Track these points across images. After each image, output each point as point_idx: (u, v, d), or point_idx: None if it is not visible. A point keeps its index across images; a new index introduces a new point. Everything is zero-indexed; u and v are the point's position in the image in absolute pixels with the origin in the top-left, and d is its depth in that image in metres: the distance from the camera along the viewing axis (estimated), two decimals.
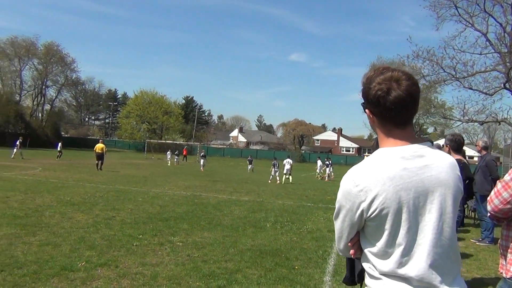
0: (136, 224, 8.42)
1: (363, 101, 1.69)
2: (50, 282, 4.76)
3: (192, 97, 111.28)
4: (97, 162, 24.23)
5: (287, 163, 23.95)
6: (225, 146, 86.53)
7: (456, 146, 5.13)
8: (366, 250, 1.65)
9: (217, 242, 7.22)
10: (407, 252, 1.55)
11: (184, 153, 49.28)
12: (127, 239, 7.07)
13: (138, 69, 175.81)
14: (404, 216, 1.54)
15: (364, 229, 1.65)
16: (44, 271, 5.09)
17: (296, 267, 5.97)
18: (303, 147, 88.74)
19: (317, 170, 31.98)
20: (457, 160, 5.04)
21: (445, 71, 27.14)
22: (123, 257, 5.94)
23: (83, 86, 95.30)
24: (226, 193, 15.75)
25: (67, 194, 12.28)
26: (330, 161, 32.14)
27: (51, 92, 76.48)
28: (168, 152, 39.96)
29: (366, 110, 1.68)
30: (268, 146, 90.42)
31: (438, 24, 23.92)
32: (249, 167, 33.16)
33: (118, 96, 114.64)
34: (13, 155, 29.65)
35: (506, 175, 2.61)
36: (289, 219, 10.14)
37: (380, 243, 1.58)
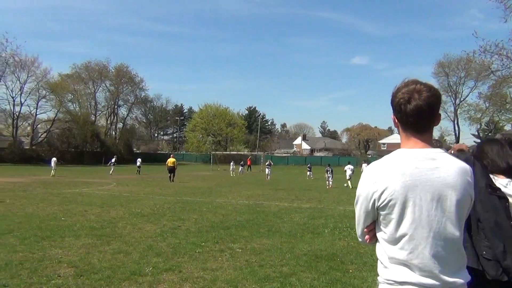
0: (199, 233, 8.92)
1: None
2: (121, 285, 5.30)
3: (255, 107, 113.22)
4: (169, 174, 26.55)
5: (348, 169, 24.28)
6: (289, 155, 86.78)
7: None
8: (378, 236, 1.89)
9: (274, 248, 7.50)
10: (411, 241, 1.76)
11: (248, 163, 50.18)
12: (190, 246, 7.56)
13: (202, 83, 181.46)
14: (410, 209, 1.77)
15: (378, 218, 1.89)
16: (116, 276, 5.65)
17: (351, 271, 6.11)
18: (369, 152, 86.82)
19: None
20: None
21: None
22: (186, 263, 6.40)
23: (152, 103, 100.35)
24: (288, 201, 16.01)
25: (138, 207, 13.18)
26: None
27: (122, 111, 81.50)
28: (231, 163, 40.73)
29: (392, 116, 1.92)
30: (333, 153, 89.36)
31: (506, 16, 22.70)
32: (308, 174, 33.79)
33: (184, 111, 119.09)
34: (111, 172, 34.06)
35: None
36: (348, 225, 10.19)
37: (388, 230, 1.82)
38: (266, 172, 33.34)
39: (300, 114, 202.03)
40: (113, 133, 79.63)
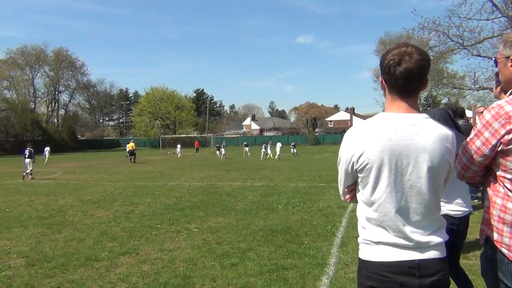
0: (154, 216, 8.85)
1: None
2: (78, 271, 5.19)
3: (203, 89, 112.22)
4: (130, 157, 31.62)
5: (278, 146, 32.57)
6: (238, 135, 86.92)
7: None
8: (358, 197, 1.93)
9: (230, 226, 7.60)
10: (385, 204, 1.80)
11: (196, 146, 50.09)
12: (146, 229, 7.49)
13: (147, 67, 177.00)
14: (385, 173, 1.78)
15: (358, 180, 1.92)
16: (71, 263, 5.52)
17: (305, 242, 6.31)
18: (316, 130, 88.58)
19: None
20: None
21: (452, 40, 26.84)
22: (143, 246, 6.35)
23: (95, 88, 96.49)
24: (241, 180, 16.14)
25: (87, 194, 12.81)
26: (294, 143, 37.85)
27: (64, 97, 78.12)
28: (178, 146, 41.62)
29: (380, 78, 1.90)
30: (282, 132, 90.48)
31: None
32: (245, 150, 38.22)
33: (130, 95, 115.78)
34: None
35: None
36: (300, 200, 10.47)
37: (366, 193, 1.85)
38: (217, 153, 36.34)
39: (249, 95, 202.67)
40: (55, 120, 76.22)
